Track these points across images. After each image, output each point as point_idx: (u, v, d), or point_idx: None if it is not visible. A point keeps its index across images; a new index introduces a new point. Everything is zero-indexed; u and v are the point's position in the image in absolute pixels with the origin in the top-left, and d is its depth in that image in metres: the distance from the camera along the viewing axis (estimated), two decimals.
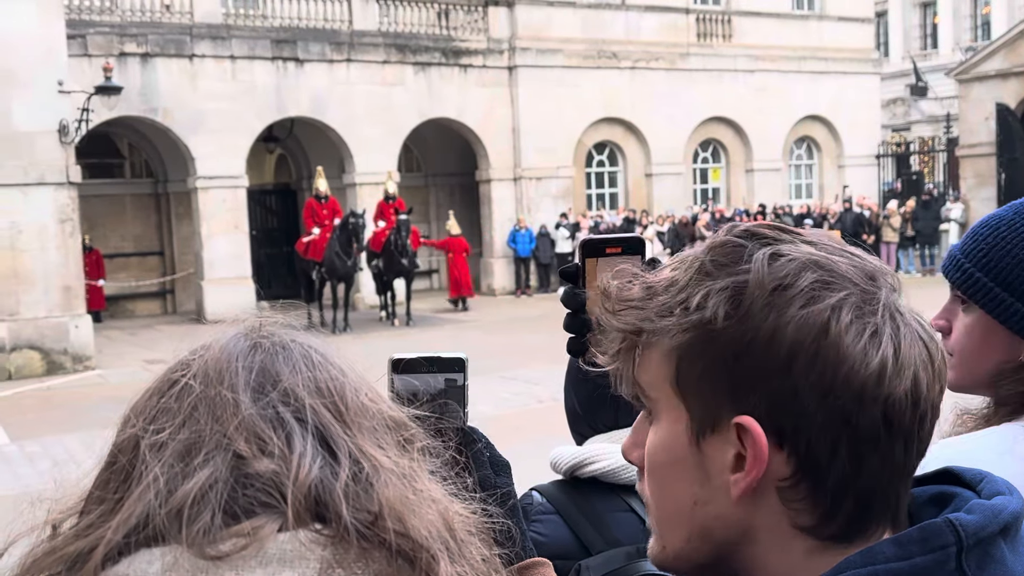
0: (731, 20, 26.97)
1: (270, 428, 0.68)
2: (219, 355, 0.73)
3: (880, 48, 36.99)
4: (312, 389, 0.71)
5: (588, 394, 1.72)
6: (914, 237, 25.28)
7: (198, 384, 0.71)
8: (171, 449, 0.69)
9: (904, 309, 0.82)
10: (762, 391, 0.78)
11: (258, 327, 0.77)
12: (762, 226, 0.84)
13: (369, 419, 0.72)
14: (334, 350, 0.78)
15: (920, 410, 0.79)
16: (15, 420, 11.88)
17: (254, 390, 0.70)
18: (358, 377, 0.76)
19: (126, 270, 23.51)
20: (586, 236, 1.20)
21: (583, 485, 1.71)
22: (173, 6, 20.54)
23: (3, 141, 14.97)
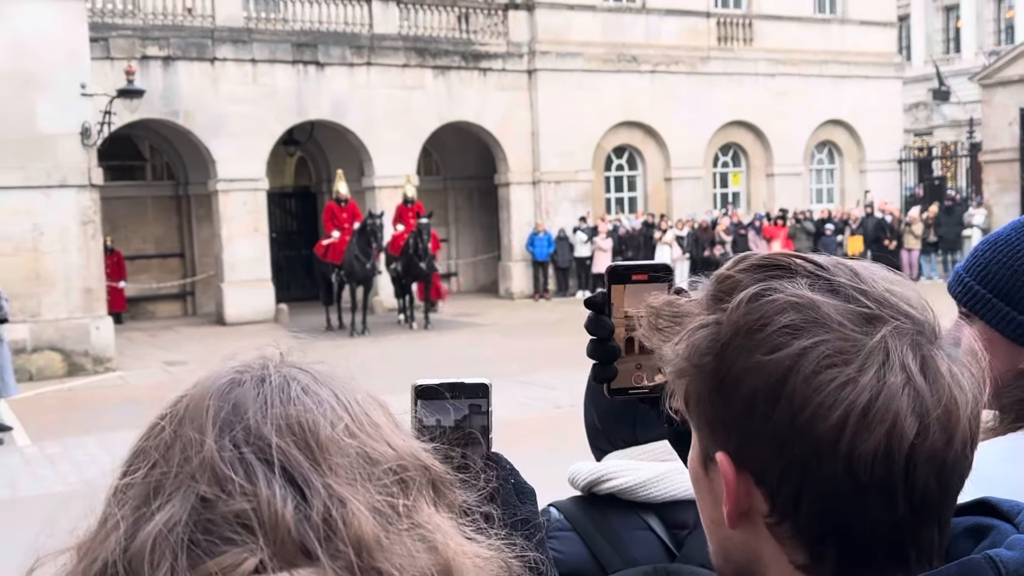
0: (752, 24, 26.87)
1: (230, 469, 0.65)
2: (197, 393, 0.70)
3: (903, 52, 36.80)
4: (282, 427, 0.67)
5: (607, 409, 1.70)
6: (936, 243, 25.10)
7: (172, 426, 0.68)
8: (136, 491, 0.67)
9: (928, 351, 0.78)
10: (731, 430, 0.80)
11: (252, 361, 0.73)
12: (777, 257, 0.83)
13: (342, 455, 0.68)
14: (335, 378, 0.74)
15: (901, 465, 0.75)
16: (36, 421, 11.96)
17: (220, 429, 0.67)
18: (346, 408, 0.71)
19: (147, 272, 23.65)
20: (612, 263, 1.20)
21: (601, 502, 1.69)
22: (195, 9, 20.66)
23: (26, 143, 15.10)
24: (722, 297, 0.81)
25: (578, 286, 24.26)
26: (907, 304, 0.80)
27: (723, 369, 0.79)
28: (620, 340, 1.13)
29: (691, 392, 0.83)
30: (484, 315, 21.18)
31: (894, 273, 0.84)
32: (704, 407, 0.82)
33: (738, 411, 0.78)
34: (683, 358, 0.82)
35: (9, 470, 9.68)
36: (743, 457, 0.79)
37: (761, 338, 0.77)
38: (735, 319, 0.79)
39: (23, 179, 15.10)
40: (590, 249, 23.75)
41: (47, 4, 15.21)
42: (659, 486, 1.64)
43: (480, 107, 23.39)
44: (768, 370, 0.76)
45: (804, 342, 0.76)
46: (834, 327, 0.76)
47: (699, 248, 24.47)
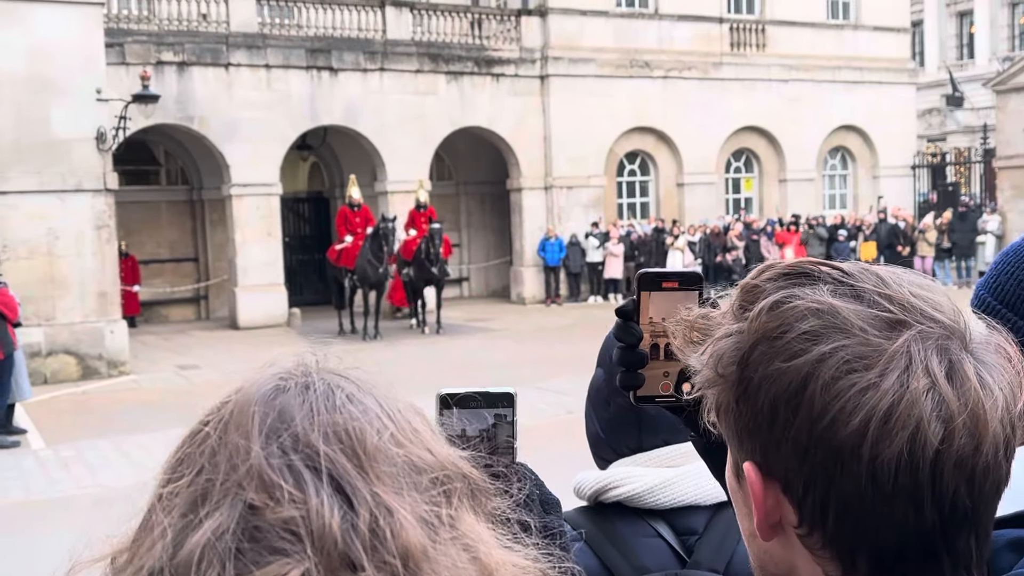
0: (765, 29, 26.87)
1: (279, 476, 0.64)
2: (242, 399, 0.70)
3: (916, 58, 36.69)
4: (328, 434, 0.67)
5: (611, 417, 1.69)
6: (950, 249, 25.01)
7: (216, 431, 0.68)
8: (182, 499, 0.66)
9: (956, 356, 0.76)
10: (757, 439, 0.80)
11: (293, 367, 0.73)
12: (803, 264, 0.83)
13: (389, 464, 0.68)
14: (377, 386, 0.73)
15: (927, 471, 0.74)
16: (50, 424, 12.03)
17: (266, 436, 0.66)
18: (389, 416, 0.71)
19: (161, 276, 23.75)
20: (644, 269, 1.19)
21: (608, 511, 1.67)
22: (210, 15, 20.78)
23: (42, 148, 15.20)
24: (746, 306, 0.82)
25: (590, 291, 24.27)
26: (934, 308, 0.78)
27: (746, 378, 0.79)
28: (647, 347, 1.12)
29: (720, 402, 0.83)
30: (496, 320, 21.21)
31: (926, 279, 0.83)
32: (731, 417, 0.82)
33: (762, 419, 0.78)
34: (709, 368, 0.82)
35: (23, 473, 9.74)
36: (769, 466, 0.79)
37: (781, 345, 0.77)
38: (756, 327, 0.79)
39: (39, 183, 15.20)
40: (602, 254, 23.75)
41: (63, 10, 15.34)
42: (666, 492, 1.62)
43: (493, 112, 23.44)
44: (788, 376, 0.76)
45: (824, 347, 0.76)
46: (855, 332, 0.76)
47: (711, 254, 24.45)
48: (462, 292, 26.54)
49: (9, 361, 10.96)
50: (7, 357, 10.89)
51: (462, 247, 26.36)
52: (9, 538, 7.64)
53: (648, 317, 1.12)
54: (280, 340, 19.17)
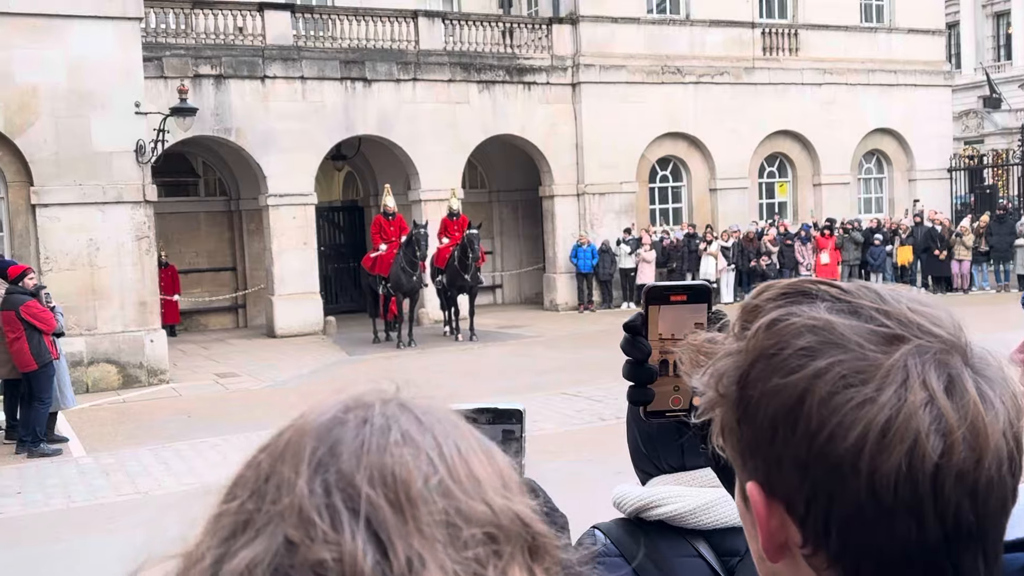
0: (798, 33, 26.75)
1: (316, 514, 0.62)
2: (300, 428, 0.67)
3: (952, 59, 36.30)
4: (374, 477, 0.63)
5: (650, 432, 1.66)
6: (988, 252, 24.74)
7: (270, 460, 0.66)
8: (227, 523, 0.64)
9: (956, 371, 0.76)
10: (758, 458, 0.80)
11: (361, 396, 0.70)
12: (802, 283, 0.83)
13: (430, 514, 0.63)
14: (434, 419, 0.69)
15: (927, 485, 0.73)
16: (91, 432, 12.26)
17: (314, 469, 0.64)
18: (445, 460, 0.66)
19: (200, 285, 24.10)
20: (650, 283, 1.18)
21: (648, 527, 1.64)
22: (246, 29, 21.09)
23: (83, 161, 15.52)
24: (746, 326, 0.82)
25: (623, 298, 24.28)
26: (933, 323, 0.78)
27: (746, 396, 0.79)
28: (656, 362, 1.11)
29: (723, 423, 0.83)
30: (529, 327, 21.29)
31: (927, 296, 0.82)
32: (734, 437, 0.82)
33: (762, 437, 0.78)
34: (710, 388, 0.83)
35: (64, 480, 9.91)
36: (772, 486, 0.79)
37: (778, 361, 0.77)
38: (754, 345, 0.80)
39: (80, 196, 15.52)
40: (634, 261, 23.76)
41: (102, 25, 15.63)
42: (710, 514, 1.60)
43: (525, 120, 23.56)
44: (785, 393, 0.76)
45: (820, 363, 0.76)
46: (851, 347, 0.76)
47: (745, 259, 24.37)
48: (495, 299, 26.66)
49: (47, 371, 11.14)
50: (43, 367, 11.09)
51: (495, 254, 26.49)
52: (52, 545, 7.81)
53: (657, 332, 1.11)
54: (316, 348, 19.40)
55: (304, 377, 15.89)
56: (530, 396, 13.16)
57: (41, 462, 10.70)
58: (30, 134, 15.25)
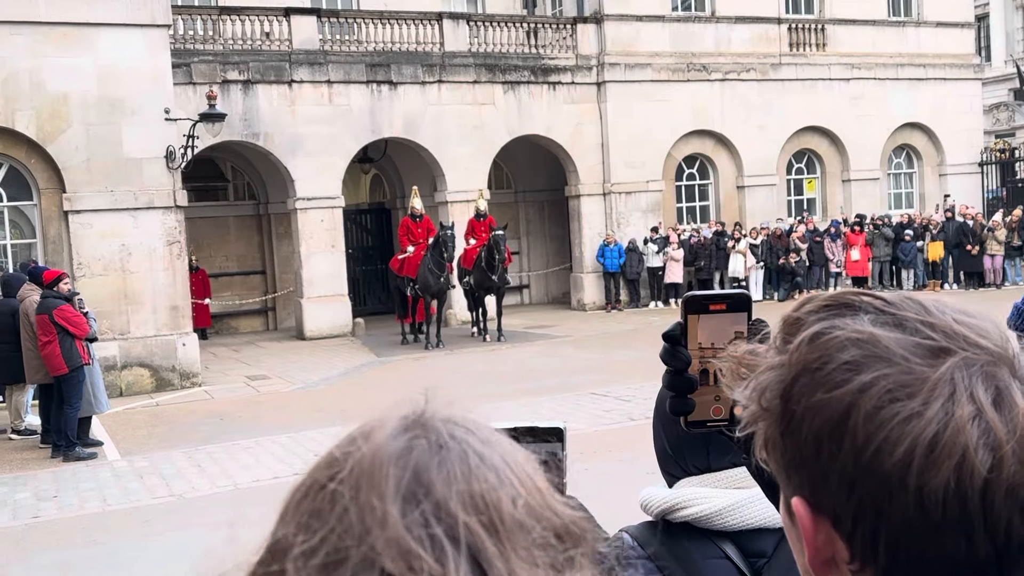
0: (825, 28, 26.58)
1: (419, 546, 0.61)
2: (372, 455, 0.66)
3: (981, 52, 35.91)
4: (467, 503, 0.64)
5: (678, 435, 1.66)
6: (1021, 247, 24.45)
7: (348, 489, 0.64)
8: (318, 560, 0.62)
9: (1004, 383, 0.74)
10: (804, 473, 0.79)
11: (418, 417, 0.70)
12: (845, 295, 0.82)
13: (525, 537, 0.65)
14: (495, 438, 0.70)
15: (976, 501, 0.72)
16: (125, 435, 12.41)
17: (404, 500, 0.63)
18: (519, 479, 0.67)
19: (230, 289, 24.31)
20: (690, 292, 1.16)
21: (675, 529, 1.65)
22: (272, 34, 21.25)
23: (114, 167, 15.72)
24: (788, 339, 0.81)
25: (650, 297, 24.22)
26: (980, 335, 0.76)
27: (789, 411, 0.78)
28: (696, 371, 1.10)
29: (767, 437, 0.82)
30: (556, 327, 21.29)
31: (971, 306, 0.81)
32: (778, 452, 0.81)
33: (807, 452, 0.77)
34: (753, 402, 0.82)
35: (100, 484, 10.02)
36: (818, 501, 0.78)
37: (822, 376, 0.76)
38: (796, 359, 0.79)
39: (111, 202, 15.71)
40: (662, 259, 23.70)
41: (131, 32, 15.81)
42: (736, 514, 1.61)
43: (550, 120, 23.56)
44: (831, 408, 0.75)
45: (865, 377, 0.75)
46: (897, 361, 0.75)
47: (774, 256, 24.23)
48: (522, 299, 26.69)
49: (77, 375, 11.26)
50: (73, 371, 11.22)
51: (522, 255, 26.52)
52: (88, 548, 7.92)
53: (697, 341, 1.10)
54: (345, 349, 19.51)
55: (333, 379, 15.99)
56: (559, 396, 13.18)
57: (76, 466, 10.84)
58: (61, 141, 15.45)
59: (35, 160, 15.52)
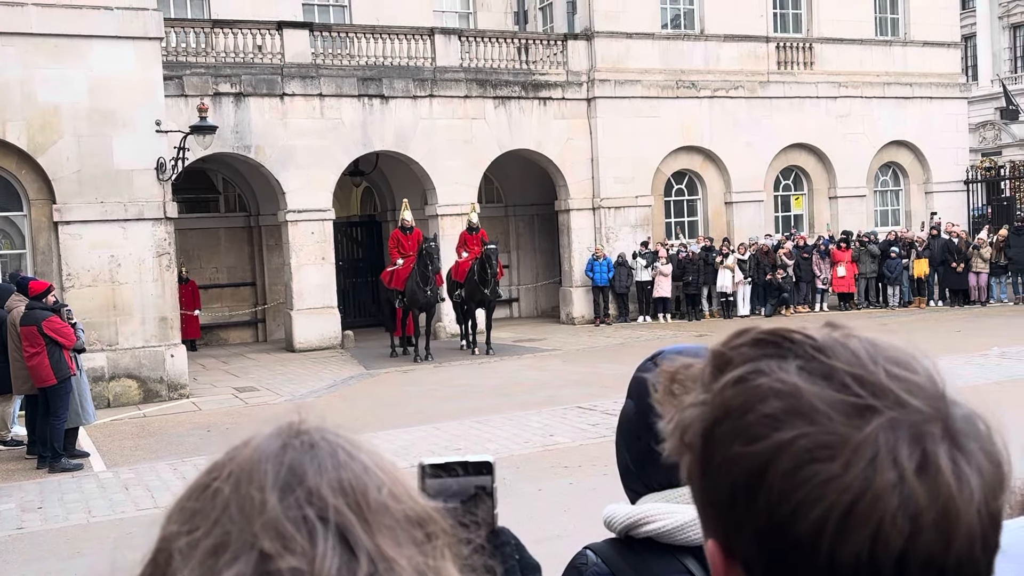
0: (812, 47, 26.81)
1: (294, 527, 0.68)
2: (251, 455, 0.73)
3: (968, 71, 36.22)
4: (336, 488, 0.71)
5: (640, 451, 1.69)
6: (1006, 266, 24.63)
7: (228, 485, 0.71)
8: (201, 549, 0.69)
9: (931, 445, 0.71)
10: (719, 518, 0.78)
11: (292, 426, 0.76)
12: (778, 332, 0.79)
13: (389, 517, 0.71)
14: (364, 444, 0.77)
15: (890, 570, 0.70)
16: (112, 447, 12.41)
17: (281, 489, 0.70)
18: (384, 472, 0.74)
19: (220, 300, 24.34)
20: None
21: (638, 545, 1.66)
22: (265, 47, 21.35)
23: (105, 178, 15.76)
24: (716, 375, 0.79)
25: (639, 311, 24.33)
26: (910, 391, 0.73)
27: (709, 453, 0.77)
28: None
29: (690, 471, 0.81)
30: (545, 340, 21.37)
31: (913, 353, 0.77)
32: (696, 489, 0.80)
33: (723, 499, 0.76)
34: (676, 437, 0.81)
35: (85, 495, 10.02)
36: (731, 546, 0.76)
37: (742, 426, 0.74)
38: (719, 402, 0.77)
39: (101, 213, 15.74)
40: (651, 274, 23.82)
41: (123, 45, 15.87)
42: (698, 529, 1.54)
43: (540, 135, 23.71)
44: (748, 461, 0.73)
45: (785, 435, 0.72)
46: (819, 420, 0.72)
47: (761, 272, 24.38)
48: (512, 313, 26.78)
49: (64, 387, 11.28)
50: (61, 382, 11.25)
51: (511, 268, 26.62)
52: (73, 560, 7.94)
53: None
54: (334, 362, 19.56)
55: (321, 392, 16.03)
56: (546, 410, 13.25)
57: (62, 477, 10.85)
58: (52, 153, 15.50)
59: (25, 171, 15.56)
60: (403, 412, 13.71)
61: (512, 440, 11.50)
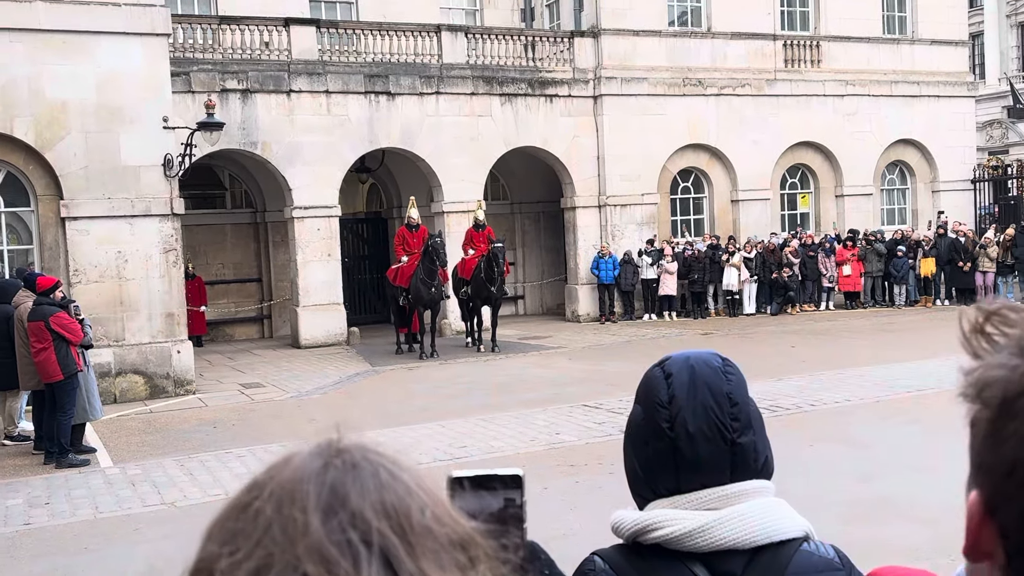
0: (820, 45, 26.76)
1: (337, 550, 0.67)
2: (292, 475, 0.72)
3: (975, 70, 36.12)
4: (379, 511, 0.70)
5: (648, 456, 1.68)
6: (1014, 265, 24.56)
7: (270, 506, 0.70)
8: (243, 571, 0.68)
9: None
10: (989, 478, 0.79)
11: (332, 444, 0.76)
12: None
13: (433, 540, 0.71)
14: (405, 463, 0.76)
15: None
16: (118, 443, 12.45)
17: (324, 511, 0.69)
18: (426, 493, 0.74)
19: (226, 296, 24.38)
20: None
21: (646, 551, 1.66)
22: (272, 44, 21.37)
23: (112, 175, 15.79)
24: None
25: (644, 309, 24.32)
26: None
27: (1002, 420, 0.77)
28: None
29: (975, 418, 0.81)
30: (550, 338, 21.37)
31: None
32: (977, 441, 0.81)
33: (1002, 468, 0.77)
34: (974, 388, 0.81)
35: (92, 491, 10.03)
36: (993, 508, 0.78)
37: None
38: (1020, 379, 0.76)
39: (109, 209, 15.78)
40: (656, 272, 23.81)
41: (131, 41, 15.89)
42: (706, 536, 1.60)
43: (546, 133, 23.70)
44: None
45: None
46: None
47: (767, 270, 24.36)
48: (517, 310, 26.79)
49: (71, 382, 11.31)
50: (68, 378, 11.28)
51: (517, 265, 26.62)
52: (80, 556, 7.97)
53: None
54: (340, 358, 19.58)
55: (327, 388, 16.06)
56: (551, 408, 13.26)
57: (69, 472, 10.88)
58: (60, 149, 15.54)
59: (33, 166, 15.59)
60: (409, 409, 13.73)
61: (518, 438, 11.51)
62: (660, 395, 1.69)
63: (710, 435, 1.65)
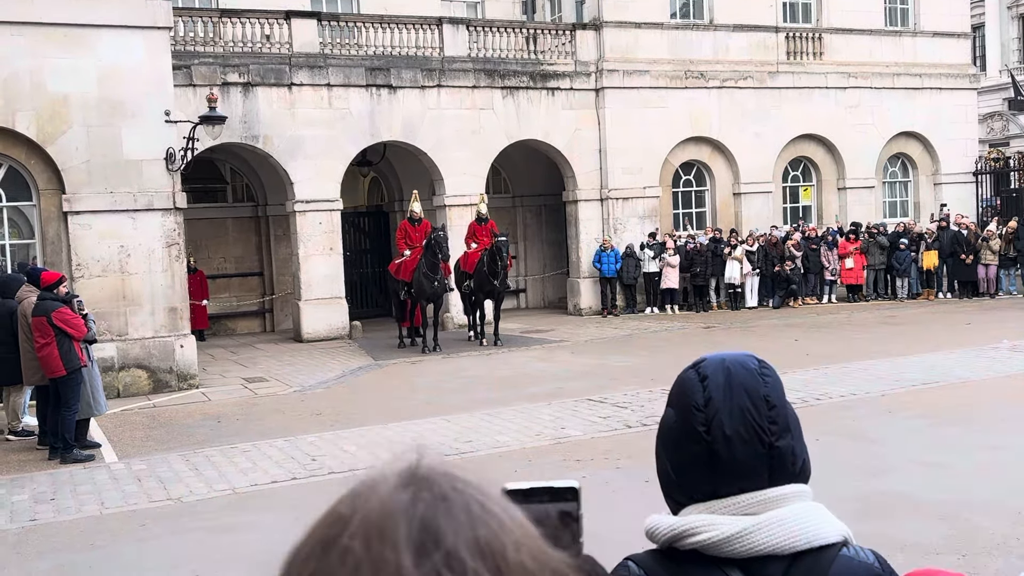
0: (822, 37, 26.70)
1: None
2: (379, 509, 0.69)
3: (977, 62, 36.04)
4: (474, 550, 0.67)
5: (682, 460, 1.64)
6: (1016, 258, 24.55)
7: (358, 543, 0.67)
8: None
9: None
10: None
11: (416, 473, 0.72)
12: None
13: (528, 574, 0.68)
14: (492, 492, 0.73)
15: None
16: (123, 437, 12.43)
17: (416, 551, 0.66)
18: (518, 527, 0.71)
19: (228, 290, 24.36)
20: None
21: (681, 557, 1.61)
22: (273, 37, 21.31)
23: (114, 169, 15.76)
24: None
25: (646, 302, 24.30)
26: None
27: None
28: None
29: None
30: (553, 331, 21.35)
31: None
32: None
33: None
34: None
35: (97, 486, 10.01)
36: None
37: None
38: None
39: (111, 203, 15.75)
40: (659, 265, 23.78)
41: (132, 34, 15.84)
42: (743, 541, 1.56)
43: (548, 126, 23.65)
44: None
45: None
46: None
47: (769, 263, 24.33)
48: (519, 303, 26.77)
49: (75, 377, 11.28)
50: (71, 373, 11.25)
51: (519, 259, 26.60)
52: (86, 552, 7.95)
53: None
54: (342, 352, 19.57)
55: (330, 382, 16.05)
56: (556, 402, 13.24)
57: (74, 468, 10.85)
58: (62, 143, 15.49)
59: (35, 161, 15.55)
60: (412, 403, 13.72)
61: (523, 433, 11.49)
62: (696, 398, 1.64)
63: (747, 438, 1.60)
